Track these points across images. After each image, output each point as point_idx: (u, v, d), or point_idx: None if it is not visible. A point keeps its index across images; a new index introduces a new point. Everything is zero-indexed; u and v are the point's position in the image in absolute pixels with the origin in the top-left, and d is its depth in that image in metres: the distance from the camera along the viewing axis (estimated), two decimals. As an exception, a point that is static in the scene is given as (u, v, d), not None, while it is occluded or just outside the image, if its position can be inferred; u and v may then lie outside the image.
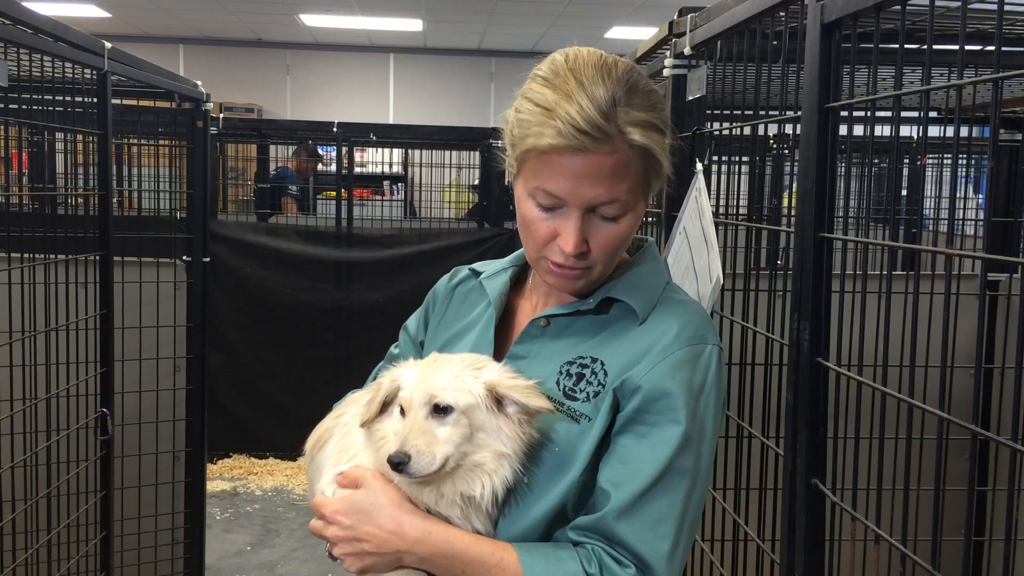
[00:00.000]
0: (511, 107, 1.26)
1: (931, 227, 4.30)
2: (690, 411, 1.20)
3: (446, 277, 1.54)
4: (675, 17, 2.23)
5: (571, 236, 1.22)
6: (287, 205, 7.05)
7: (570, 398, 1.26)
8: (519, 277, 1.45)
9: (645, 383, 1.21)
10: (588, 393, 1.25)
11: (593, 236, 1.23)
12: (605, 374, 1.25)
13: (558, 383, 1.28)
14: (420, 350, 1.50)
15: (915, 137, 4.17)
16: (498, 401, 1.20)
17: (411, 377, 1.23)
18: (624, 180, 1.20)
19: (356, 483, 1.26)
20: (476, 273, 1.49)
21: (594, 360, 1.27)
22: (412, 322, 1.56)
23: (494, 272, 1.46)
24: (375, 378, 1.55)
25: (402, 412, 1.21)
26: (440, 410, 1.19)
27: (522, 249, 1.44)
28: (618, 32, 10.20)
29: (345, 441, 1.35)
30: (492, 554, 1.19)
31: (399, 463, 1.15)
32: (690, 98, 2.22)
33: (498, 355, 1.35)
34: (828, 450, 1.47)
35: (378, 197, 8.56)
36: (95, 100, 2.66)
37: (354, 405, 1.38)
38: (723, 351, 1.29)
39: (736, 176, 2.24)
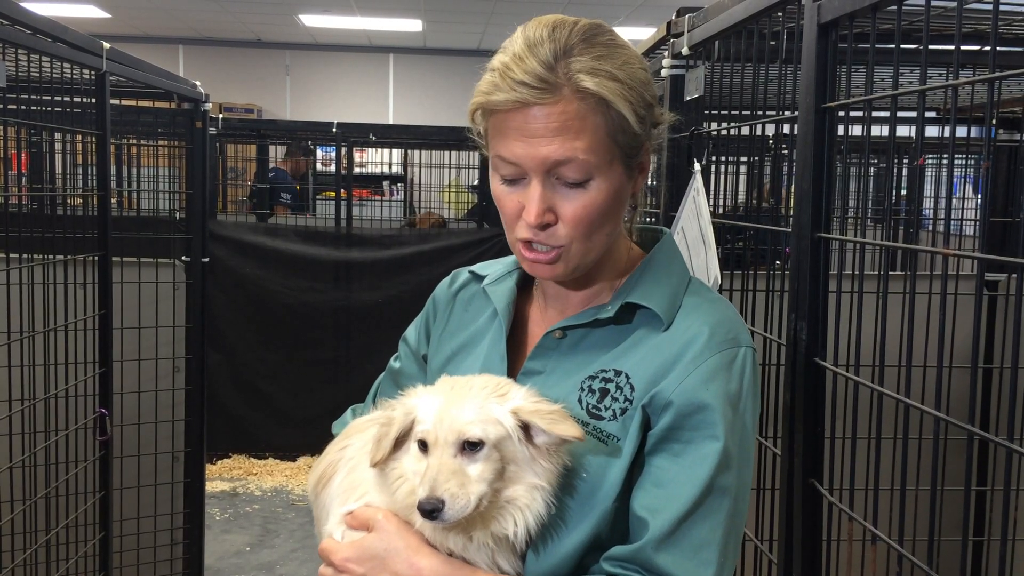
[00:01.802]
0: None
1: (930, 227, 4.30)
2: (728, 423, 1.10)
3: (445, 282, 1.43)
4: (673, 17, 2.23)
5: (532, 204, 1.12)
6: (279, 211, 7.03)
7: (595, 417, 1.16)
8: (524, 279, 1.34)
9: (677, 397, 1.11)
10: (615, 411, 1.15)
11: (560, 206, 1.13)
12: (631, 388, 1.15)
13: (580, 400, 1.17)
14: (423, 363, 1.41)
15: (912, 137, 4.17)
16: (526, 429, 1.10)
17: (429, 409, 1.10)
18: (580, 136, 1.09)
19: (367, 525, 1.15)
20: (478, 277, 1.38)
21: (618, 373, 1.17)
22: (412, 332, 1.45)
23: (498, 277, 1.34)
24: (376, 394, 1.46)
25: (422, 447, 1.10)
26: (470, 446, 1.07)
27: None
28: (617, 32, 10.19)
29: (352, 477, 1.23)
30: None
31: (432, 510, 1.03)
32: (688, 98, 2.22)
33: (511, 370, 1.26)
34: (825, 450, 1.47)
35: (377, 197, 8.57)
36: (94, 100, 2.66)
37: (358, 436, 1.26)
38: (756, 351, 1.20)
39: (735, 176, 2.24)
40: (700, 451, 1.10)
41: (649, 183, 2.92)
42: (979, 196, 4.52)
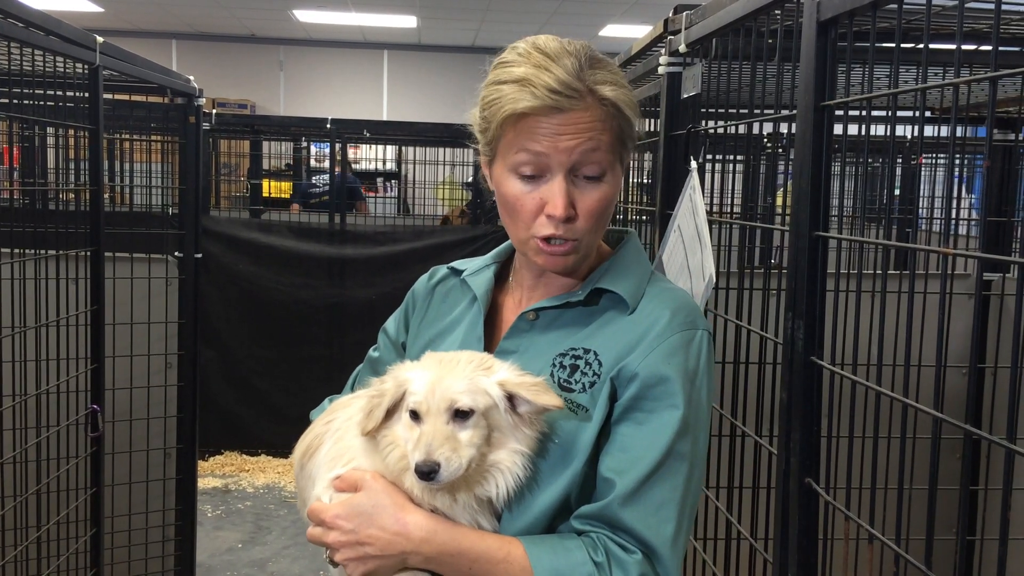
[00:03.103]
0: (475, 104, 1.32)
1: (924, 227, 4.30)
2: (687, 395, 1.22)
3: (424, 277, 1.54)
4: (670, 15, 2.22)
5: (559, 198, 1.23)
6: (361, 207, 7.47)
7: (566, 390, 1.26)
8: (500, 274, 1.45)
9: (642, 370, 1.22)
10: (584, 384, 1.26)
11: (579, 200, 1.25)
12: (600, 364, 1.26)
13: (552, 375, 1.28)
14: (401, 352, 1.49)
15: (908, 136, 4.17)
16: (510, 399, 1.20)
17: (421, 381, 1.20)
18: (602, 135, 1.24)
19: (355, 486, 1.24)
20: (456, 271, 1.49)
21: (587, 351, 1.28)
22: (391, 324, 1.54)
23: (477, 269, 1.45)
24: (355, 383, 1.53)
25: (413, 417, 1.19)
26: (460, 414, 1.17)
27: (502, 245, 1.46)
28: (612, 30, 10.20)
29: (338, 447, 1.31)
30: (499, 548, 1.19)
31: (430, 471, 1.13)
32: (685, 96, 2.22)
33: (487, 351, 1.34)
34: (822, 449, 1.47)
35: (371, 194, 8.57)
36: (87, 95, 2.64)
37: (343, 410, 1.35)
38: (712, 336, 1.31)
39: (732, 175, 2.24)
40: (661, 419, 1.21)
41: (645, 181, 2.92)
42: (972, 196, 4.54)
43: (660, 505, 1.19)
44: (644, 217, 2.79)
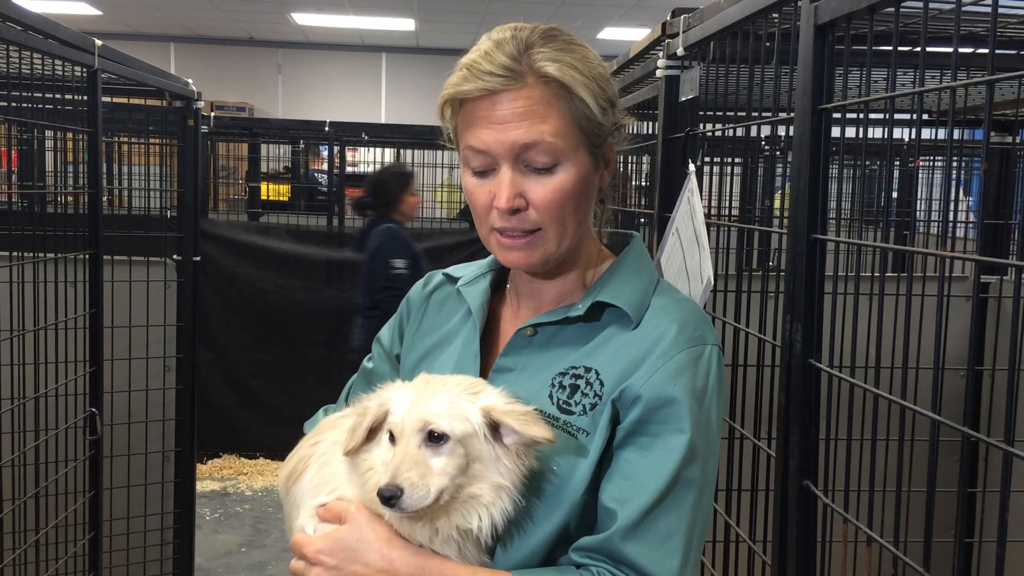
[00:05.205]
0: None
1: (921, 229, 4.31)
2: (694, 418, 1.14)
3: (419, 284, 1.46)
4: (668, 18, 2.23)
5: (503, 189, 1.16)
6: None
7: (565, 412, 1.19)
8: (498, 281, 1.38)
9: (646, 391, 1.15)
10: (584, 406, 1.18)
11: (530, 191, 1.17)
12: (601, 384, 1.18)
13: (551, 396, 1.20)
14: (396, 363, 1.43)
15: (906, 139, 4.18)
16: (494, 428, 1.12)
17: (402, 401, 1.13)
18: (546, 120, 1.15)
19: (339, 517, 1.17)
20: (452, 279, 1.41)
21: (588, 370, 1.20)
22: (385, 333, 1.47)
23: (472, 278, 1.38)
24: (348, 393, 1.48)
25: (392, 439, 1.12)
26: (435, 438, 1.09)
27: None
28: (610, 33, 10.21)
29: (324, 472, 1.24)
30: None
31: (390, 497, 1.05)
32: (683, 99, 2.22)
33: (483, 368, 1.28)
34: (820, 452, 1.47)
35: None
36: (85, 98, 2.64)
37: (331, 431, 1.28)
38: (722, 350, 1.24)
39: (729, 177, 2.24)
40: (667, 444, 1.13)
41: (643, 184, 2.92)
42: (969, 198, 4.54)
43: (666, 537, 1.11)
44: (642, 220, 2.79)
